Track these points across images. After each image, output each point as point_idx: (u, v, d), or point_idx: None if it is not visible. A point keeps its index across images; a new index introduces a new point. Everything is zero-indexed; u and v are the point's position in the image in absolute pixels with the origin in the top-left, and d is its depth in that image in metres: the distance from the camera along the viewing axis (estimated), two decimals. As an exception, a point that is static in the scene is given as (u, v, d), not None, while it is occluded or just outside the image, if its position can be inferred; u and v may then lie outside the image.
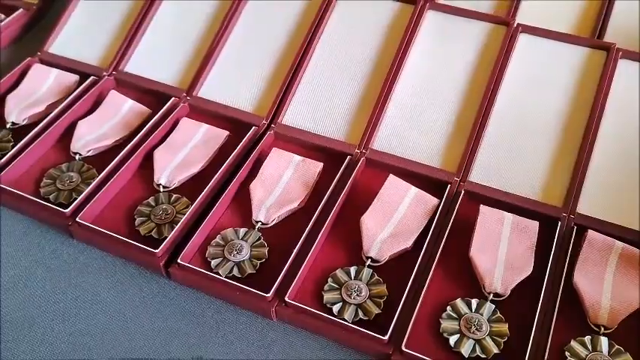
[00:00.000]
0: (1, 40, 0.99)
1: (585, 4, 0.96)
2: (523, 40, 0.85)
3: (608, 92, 0.79)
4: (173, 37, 0.93)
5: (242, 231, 0.72)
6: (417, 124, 0.81)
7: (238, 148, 0.80)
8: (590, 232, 0.69)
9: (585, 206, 0.73)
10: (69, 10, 0.97)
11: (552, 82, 0.82)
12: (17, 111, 0.85)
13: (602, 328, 0.63)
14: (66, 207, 0.74)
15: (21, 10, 1.03)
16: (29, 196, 0.75)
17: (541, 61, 0.83)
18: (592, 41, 0.84)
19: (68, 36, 0.96)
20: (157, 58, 0.92)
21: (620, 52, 0.81)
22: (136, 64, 0.92)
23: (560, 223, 0.71)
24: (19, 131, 0.84)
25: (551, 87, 0.81)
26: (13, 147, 0.81)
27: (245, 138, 0.81)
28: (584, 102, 0.79)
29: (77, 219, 0.72)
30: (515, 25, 0.85)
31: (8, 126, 0.85)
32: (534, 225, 0.71)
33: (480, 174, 0.77)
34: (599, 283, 0.66)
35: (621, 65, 0.81)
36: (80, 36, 0.95)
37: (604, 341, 0.62)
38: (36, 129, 0.83)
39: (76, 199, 0.75)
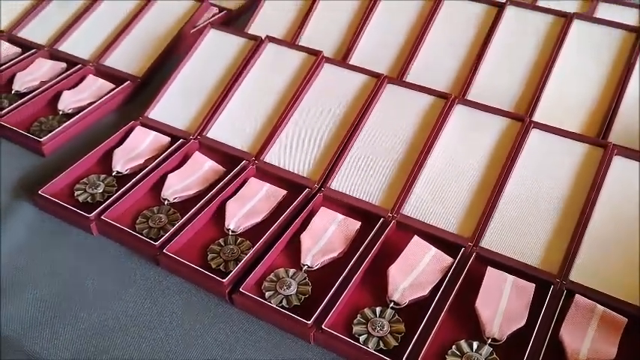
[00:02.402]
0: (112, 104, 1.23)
1: (595, 104, 1.12)
2: (534, 134, 1.01)
3: (603, 183, 0.93)
4: (248, 111, 1.14)
5: (292, 271, 0.89)
6: (440, 197, 0.98)
7: (293, 205, 0.97)
8: (577, 297, 0.83)
9: (576, 275, 0.87)
10: (166, 85, 1.19)
11: (557, 171, 0.97)
12: (121, 163, 1.06)
13: (580, 375, 0.76)
14: (155, 241, 0.92)
15: (128, 82, 1.25)
16: (127, 230, 0.94)
17: (548, 153, 0.99)
18: (592, 139, 1.00)
19: (164, 105, 1.17)
20: (234, 127, 1.12)
21: (616, 150, 0.97)
22: (217, 131, 1.12)
23: (552, 287, 0.85)
24: (122, 179, 1.04)
25: (556, 175, 0.96)
26: (116, 191, 1.00)
27: (299, 197, 0.99)
28: (582, 190, 0.94)
29: (164, 250, 0.90)
30: (528, 121, 1.02)
31: (113, 174, 1.04)
32: (531, 286, 0.85)
33: (490, 241, 0.92)
34: (581, 338, 0.79)
35: (616, 160, 0.96)
36: (173, 106, 1.17)
37: (581, 386, 0.75)
38: (135, 178, 1.02)
39: (163, 235, 0.93)
